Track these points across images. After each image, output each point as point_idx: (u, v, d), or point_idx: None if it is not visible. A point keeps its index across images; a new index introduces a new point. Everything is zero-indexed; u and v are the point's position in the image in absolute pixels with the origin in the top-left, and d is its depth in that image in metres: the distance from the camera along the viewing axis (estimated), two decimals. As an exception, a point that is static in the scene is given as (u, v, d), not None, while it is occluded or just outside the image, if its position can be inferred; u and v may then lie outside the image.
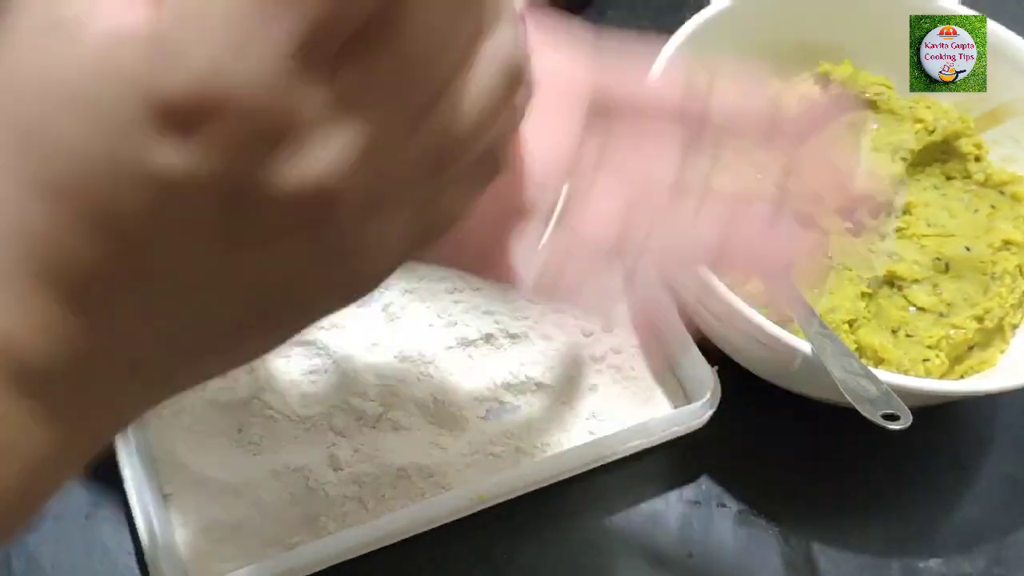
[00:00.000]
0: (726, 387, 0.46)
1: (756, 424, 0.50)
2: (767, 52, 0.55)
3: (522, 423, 0.47)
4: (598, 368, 0.49)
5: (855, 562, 0.47)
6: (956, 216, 0.52)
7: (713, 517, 0.48)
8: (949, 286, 0.50)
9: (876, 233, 0.52)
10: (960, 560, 0.48)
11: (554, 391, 0.48)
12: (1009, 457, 0.51)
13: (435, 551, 0.44)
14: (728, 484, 0.48)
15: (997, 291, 0.49)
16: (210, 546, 0.43)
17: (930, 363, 0.47)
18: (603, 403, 0.48)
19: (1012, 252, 0.50)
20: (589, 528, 0.46)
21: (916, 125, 0.54)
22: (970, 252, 0.50)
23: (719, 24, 0.52)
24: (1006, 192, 0.53)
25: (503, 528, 0.46)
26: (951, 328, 0.48)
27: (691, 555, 0.46)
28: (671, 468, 0.49)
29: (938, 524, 0.49)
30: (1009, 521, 0.49)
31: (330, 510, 0.43)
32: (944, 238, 0.51)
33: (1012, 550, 0.48)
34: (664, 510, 0.47)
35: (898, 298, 0.50)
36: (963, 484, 0.50)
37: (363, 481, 0.44)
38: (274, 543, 0.43)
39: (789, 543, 0.47)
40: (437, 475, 0.45)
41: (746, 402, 0.49)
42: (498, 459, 0.46)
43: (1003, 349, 0.49)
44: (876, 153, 0.53)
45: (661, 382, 0.49)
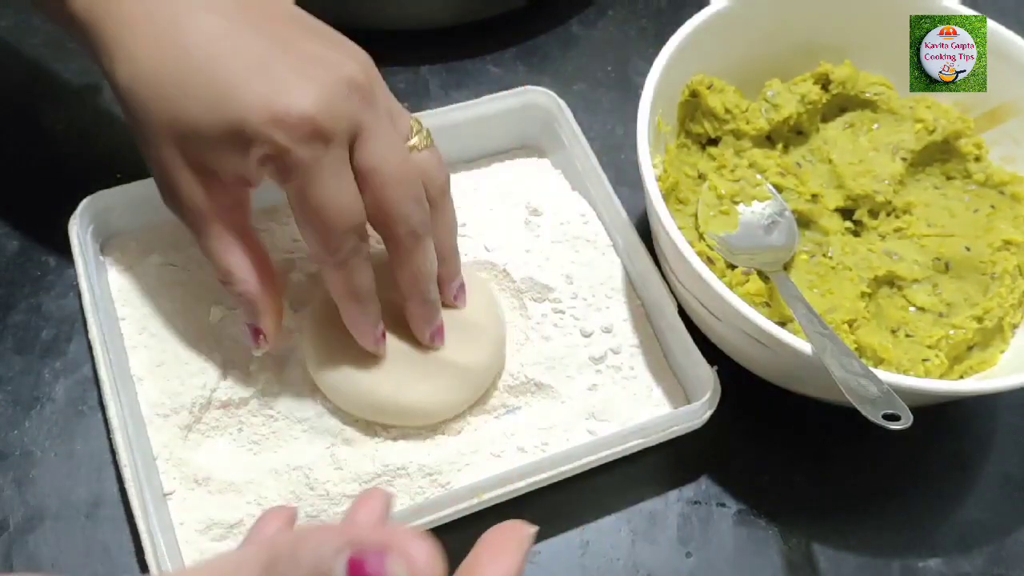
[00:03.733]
0: (726, 387, 0.46)
1: (756, 424, 0.50)
2: (767, 52, 0.55)
3: (522, 423, 0.47)
4: (598, 368, 0.49)
5: (855, 562, 0.47)
6: (956, 216, 0.52)
7: (712, 517, 0.48)
8: (949, 286, 0.50)
9: (876, 233, 0.53)
10: (960, 560, 0.48)
11: (554, 391, 0.48)
12: (1009, 457, 0.51)
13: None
14: (728, 484, 0.48)
15: (997, 291, 0.49)
16: (211, 545, 0.43)
17: (930, 363, 0.47)
18: (603, 403, 0.48)
19: (1012, 252, 0.50)
20: (589, 528, 0.47)
21: (916, 125, 0.54)
22: (970, 252, 0.50)
23: (719, 24, 0.52)
24: (1006, 192, 0.53)
25: (503, 528, 0.46)
26: (951, 328, 0.49)
27: (690, 555, 0.46)
28: (671, 468, 0.49)
29: (938, 524, 0.49)
30: (1009, 521, 0.49)
31: (331, 509, 0.43)
32: (944, 238, 0.51)
33: (1012, 550, 0.48)
34: (664, 510, 0.47)
35: (898, 298, 0.50)
36: (963, 484, 0.50)
37: (363, 480, 0.44)
38: (274, 542, 0.43)
39: (789, 543, 0.47)
40: (437, 474, 0.45)
41: (746, 402, 0.49)
42: (498, 459, 0.46)
43: (1003, 349, 0.49)
44: (875, 153, 0.53)
45: (661, 382, 0.49)
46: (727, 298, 0.42)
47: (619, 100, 0.62)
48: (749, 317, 0.42)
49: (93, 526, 0.44)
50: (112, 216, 0.49)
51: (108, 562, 0.43)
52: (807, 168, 0.54)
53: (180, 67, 0.38)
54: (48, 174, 0.54)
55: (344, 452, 0.45)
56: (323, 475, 0.44)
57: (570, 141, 0.54)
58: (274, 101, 0.37)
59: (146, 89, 0.38)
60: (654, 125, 0.50)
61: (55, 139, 0.56)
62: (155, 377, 0.46)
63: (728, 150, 0.54)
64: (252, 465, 0.44)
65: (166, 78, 0.38)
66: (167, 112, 0.38)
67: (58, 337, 0.49)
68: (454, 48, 0.63)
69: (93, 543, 0.44)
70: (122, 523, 0.44)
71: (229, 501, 0.43)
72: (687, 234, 0.50)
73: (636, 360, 0.50)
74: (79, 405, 0.47)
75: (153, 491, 0.42)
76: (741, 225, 0.52)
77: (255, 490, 0.43)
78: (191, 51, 0.38)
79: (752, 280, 0.48)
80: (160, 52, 0.38)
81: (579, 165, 0.54)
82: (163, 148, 0.39)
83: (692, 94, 0.54)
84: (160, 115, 0.38)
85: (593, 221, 0.53)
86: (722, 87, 0.54)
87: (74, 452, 0.46)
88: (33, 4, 0.43)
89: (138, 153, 0.41)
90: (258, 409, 0.46)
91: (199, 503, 0.43)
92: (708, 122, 0.54)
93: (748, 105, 0.54)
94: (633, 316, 0.51)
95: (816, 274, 0.51)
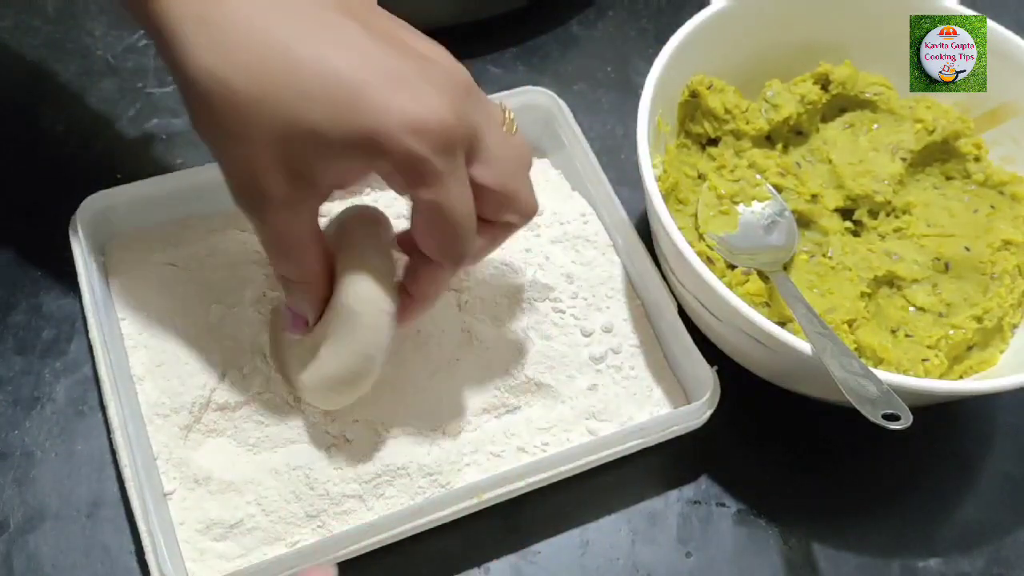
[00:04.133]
0: (726, 387, 0.46)
1: (756, 424, 0.50)
2: (767, 52, 0.55)
3: (522, 423, 0.47)
4: (598, 368, 0.49)
5: (855, 562, 0.47)
6: (956, 216, 0.52)
7: (712, 517, 0.48)
8: (949, 286, 0.50)
9: (876, 233, 0.53)
10: (960, 560, 0.48)
11: (554, 391, 0.48)
12: (1009, 457, 0.51)
13: (435, 550, 0.44)
14: (728, 484, 0.48)
15: (996, 291, 0.49)
16: (211, 545, 0.43)
17: (929, 363, 0.47)
18: (603, 403, 0.48)
19: (1011, 252, 0.50)
20: (589, 528, 0.47)
21: (916, 125, 0.54)
22: (970, 252, 0.50)
23: (719, 24, 0.52)
24: (1006, 192, 0.53)
25: (503, 528, 0.46)
26: (951, 328, 0.49)
27: (690, 555, 0.46)
28: (671, 468, 0.49)
29: (938, 524, 0.49)
30: (1009, 521, 0.49)
31: (331, 508, 0.44)
32: (944, 238, 0.51)
33: (1012, 550, 0.48)
34: (664, 510, 0.48)
35: (898, 298, 0.50)
36: (963, 484, 0.50)
37: (364, 480, 0.44)
38: (275, 542, 0.43)
39: (789, 543, 0.47)
40: (437, 474, 0.45)
41: (746, 402, 0.49)
42: (498, 459, 0.46)
43: (1003, 349, 0.49)
44: (875, 153, 0.53)
45: (661, 382, 0.49)
46: (727, 298, 0.42)
47: (619, 100, 0.62)
48: (749, 317, 0.42)
49: (93, 526, 0.44)
50: (112, 216, 0.49)
51: (108, 562, 0.43)
52: (807, 168, 0.54)
53: (289, 65, 0.36)
54: (48, 174, 0.54)
55: (344, 452, 0.45)
56: (323, 475, 0.44)
57: (570, 141, 0.54)
58: (411, 110, 0.36)
59: (249, 86, 0.36)
60: (654, 125, 0.50)
61: (55, 139, 0.56)
62: (155, 377, 0.46)
63: (728, 150, 0.54)
64: (252, 465, 0.44)
65: (275, 78, 0.36)
66: (278, 115, 0.36)
67: (58, 337, 0.49)
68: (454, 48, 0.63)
69: (93, 543, 0.44)
70: (122, 523, 0.44)
71: (229, 501, 0.43)
72: (687, 234, 0.50)
73: (636, 360, 0.50)
74: (79, 405, 0.47)
75: (153, 491, 0.42)
76: (741, 225, 0.52)
77: (255, 490, 0.44)
78: (294, 48, 0.36)
79: (752, 280, 0.48)
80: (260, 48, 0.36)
81: (579, 165, 0.54)
82: (260, 148, 0.37)
83: (692, 94, 0.54)
84: (265, 116, 0.36)
85: (593, 221, 0.53)
86: (722, 87, 0.54)
87: (74, 452, 0.46)
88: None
89: (138, 154, 0.41)
90: (258, 409, 0.46)
91: (199, 503, 0.43)
92: (708, 122, 0.54)
93: (748, 105, 0.54)
94: (633, 316, 0.51)
95: (816, 274, 0.51)
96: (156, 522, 0.40)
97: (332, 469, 0.44)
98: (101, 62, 0.60)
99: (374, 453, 0.45)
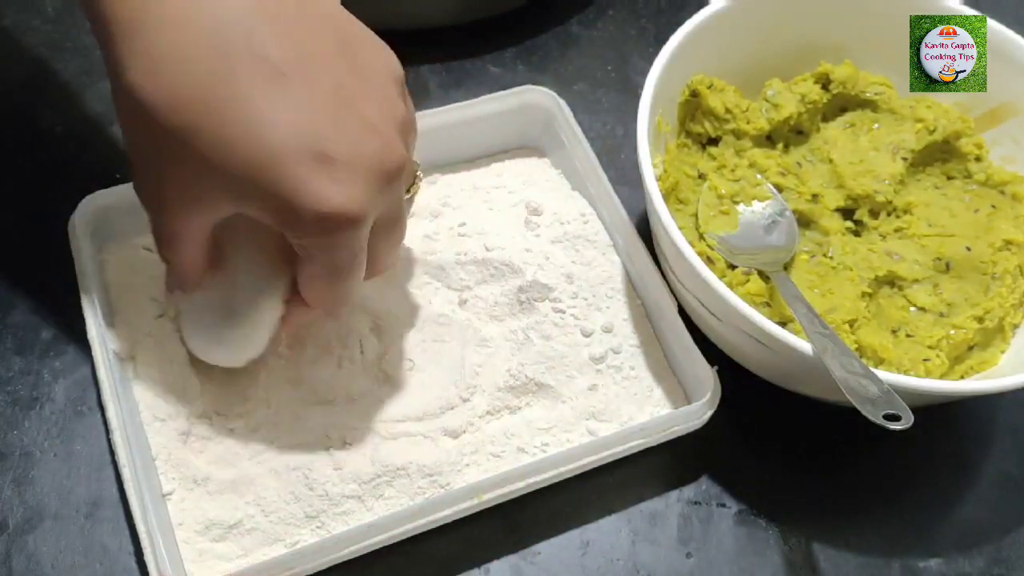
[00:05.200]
0: (726, 387, 0.46)
1: (756, 424, 0.50)
2: (767, 52, 0.55)
3: (522, 423, 0.47)
4: (598, 368, 0.49)
5: (855, 562, 0.47)
6: (956, 216, 0.52)
7: (713, 517, 0.48)
8: (949, 286, 0.50)
9: (876, 233, 0.52)
10: (960, 560, 0.48)
11: (554, 391, 0.48)
12: (1009, 457, 0.51)
13: (435, 550, 0.44)
14: (728, 484, 0.48)
15: (997, 291, 0.49)
16: (210, 545, 0.43)
17: (930, 363, 0.47)
18: (603, 403, 0.48)
19: (1012, 252, 0.50)
20: (589, 528, 0.46)
21: (916, 125, 0.54)
22: (970, 252, 0.50)
23: (719, 24, 0.52)
24: (1006, 192, 0.53)
25: (503, 528, 0.46)
26: (951, 328, 0.48)
27: (690, 555, 0.46)
28: (671, 468, 0.49)
29: (938, 524, 0.49)
30: (1009, 521, 0.49)
31: (330, 509, 0.43)
32: (944, 238, 0.51)
33: (1012, 550, 0.48)
34: (664, 510, 0.47)
35: (898, 298, 0.50)
36: (963, 484, 0.50)
37: (363, 480, 0.44)
38: (274, 542, 0.43)
39: (789, 543, 0.47)
40: (437, 474, 0.45)
41: (746, 402, 0.49)
42: (498, 459, 0.46)
43: (1003, 349, 0.49)
44: (876, 153, 0.53)
45: (661, 382, 0.49)
46: (727, 298, 0.42)
47: (619, 100, 0.62)
48: (749, 317, 0.42)
49: (92, 526, 0.44)
50: (112, 216, 0.49)
51: (107, 562, 0.43)
52: (807, 168, 0.54)
53: (215, 107, 0.35)
54: (48, 174, 0.54)
55: (344, 452, 0.45)
56: (323, 475, 0.44)
57: (570, 141, 0.54)
58: (325, 197, 0.36)
59: (170, 116, 0.35)
60: (654, 125, 0.50)
61: (55, 139, 0.56)
62: (154, 377, 0.46)
63: (728, 150, 0.54)
64: (251, 465, 0.44)
65: (198, 118, 0.35)
66: (195, 152, 0.35)
67: (58, 337, 0.49)
68: (454, 48, 0.63)
69: (92, 543, 0.44)
70: (121, 523, 0.44)
71: (228, 501, 0.43)
72: (687, 234, 0.50)
73: (636, 360, 0.50)
74: (78, 405, 0.47)
75: (152, 491, 0.42)
76: (741, 225, 0.52)
77: (254, 490, 0.43)
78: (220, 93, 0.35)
79: (752, 280, 0.48)
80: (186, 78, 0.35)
81: (579, 165, 0.54)
82: (170, 168, 0.37)
83: (692, 94, 0.54)
84: (179, 147, 0.35)
85: (593, 221, 0.53)
86: (722, 87, 0.54)
87: (74, 452, 0.46)
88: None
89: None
90: (257, 409, 0.46)
91: (198, 503, 0.43)
92: (708, 122, 0.54)
93: (748, 105, 0.54)
94: (633, 316, 0.51)
95: (816, 274, 0.51)
96: (155, 522, 0.40)
97: (331, 470, 0.44)
98: (101, 62, 0.59)
99: (373, 453, 0.45)
